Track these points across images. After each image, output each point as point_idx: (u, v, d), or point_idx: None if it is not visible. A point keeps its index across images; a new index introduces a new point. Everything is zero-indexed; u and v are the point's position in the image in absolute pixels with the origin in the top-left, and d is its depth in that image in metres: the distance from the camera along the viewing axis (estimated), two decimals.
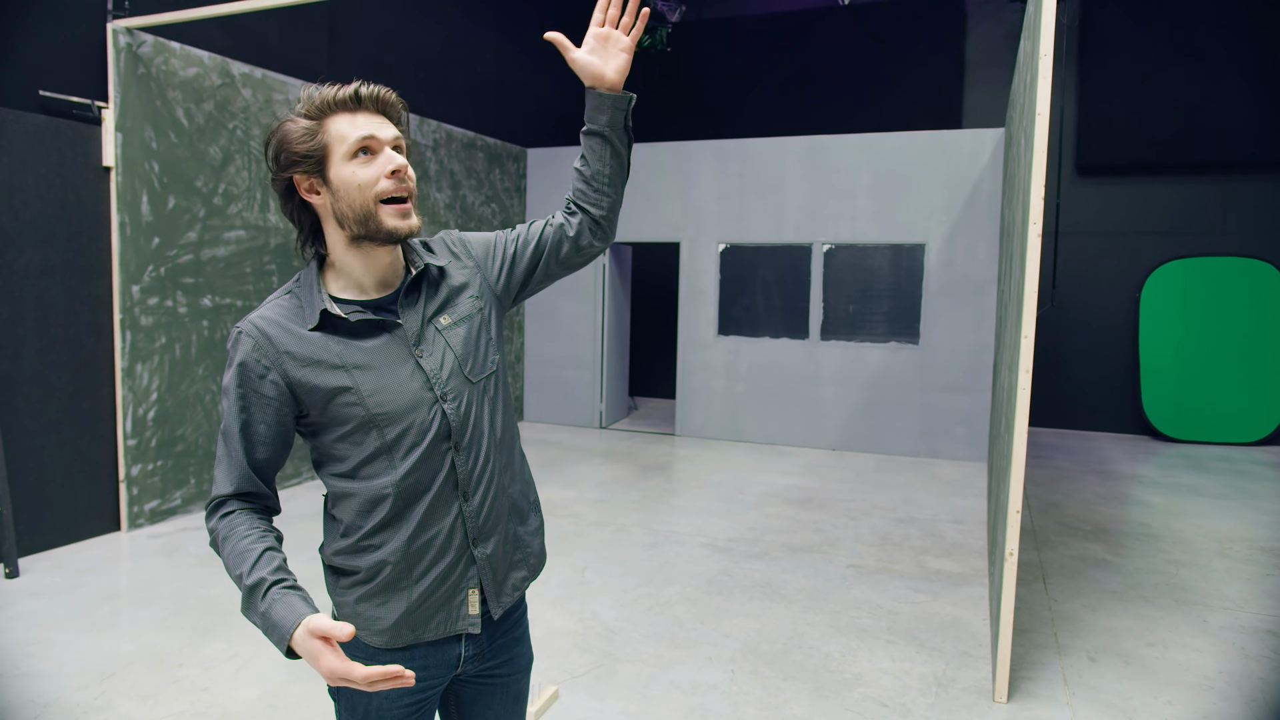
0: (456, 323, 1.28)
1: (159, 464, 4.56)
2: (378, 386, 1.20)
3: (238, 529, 1.17)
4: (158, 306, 4.52)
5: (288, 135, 1.17)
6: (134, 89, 4.32)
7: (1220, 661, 3.14)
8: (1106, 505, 5.40)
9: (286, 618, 1.08)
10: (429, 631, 1.27)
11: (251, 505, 1.22)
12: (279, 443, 1.22)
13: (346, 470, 1.23)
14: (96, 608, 3.45)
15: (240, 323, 1.21)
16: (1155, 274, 7.68)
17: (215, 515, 1.20)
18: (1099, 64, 7.83)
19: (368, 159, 1.17)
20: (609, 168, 1.37)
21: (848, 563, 4.22)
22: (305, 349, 1.19)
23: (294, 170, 1.18)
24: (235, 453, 1.20)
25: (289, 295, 1.24)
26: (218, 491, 1.21)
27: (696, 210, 7.38)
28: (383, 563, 1.22)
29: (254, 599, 1.11)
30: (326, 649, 1.05)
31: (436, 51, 6.86)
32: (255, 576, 1.11)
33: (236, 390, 1.19)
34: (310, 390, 1.19)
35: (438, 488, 1.24)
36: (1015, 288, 3.23)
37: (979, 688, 2.91)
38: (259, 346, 1.18)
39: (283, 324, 1.20)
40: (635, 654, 3.14)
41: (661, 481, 5.92)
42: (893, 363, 6.87)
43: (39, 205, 3.99)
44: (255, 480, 1.22)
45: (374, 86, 1.19)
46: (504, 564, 1.33)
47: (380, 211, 1.17)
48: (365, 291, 1.24)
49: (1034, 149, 2.72)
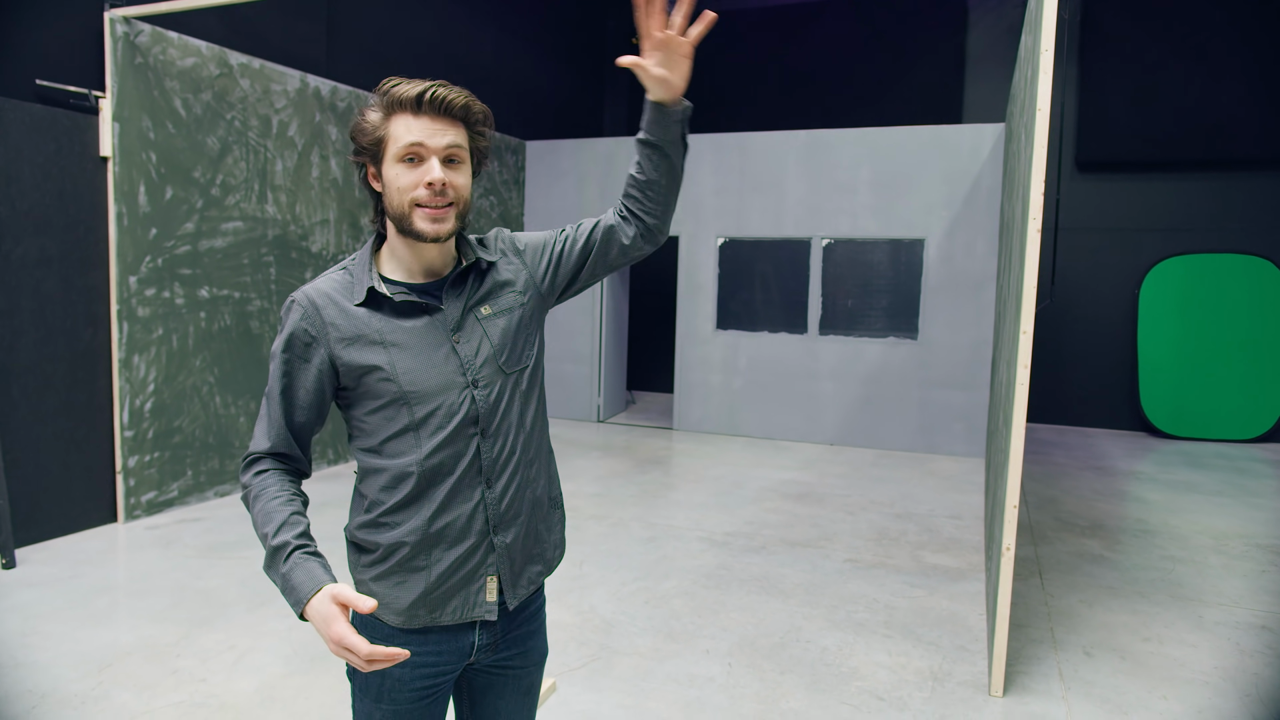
0: (497, 314, 1.32)
1: (156, 455, 4.55)
2: (411, 366, 1.24)
3: (269, 488, 1.24)
4: (155, 298, 4.50)
5: (359, 124, 1.24)
6: (131, 78, 4.30)
7: (1216, 657, 3.15)
8: (1104, 501, 5.41)
9: (305, 582, 1.14)
10: (445, 615, 1.28)
11: (284, 466, 1.29)
12: (316, 409, 1.29)
13: (374, 445, 1.27)
14: (94, 599, 3.45)
15: (295, 292, 1.28)
16: (1154, 270, 7.68)
17: (249, 470, 1.28)
18: (1100, 59, 7.82)
19: (413, 165, 1.21)
20: (665, 178, 1.37)
21: (845, 557, 4.22)
22: (348, 323, 1.25)
23: (360, 157, 1.25)
24: (275, 414, 1.27)
25: (343, 271, 1.30)
26: (255, 448, 1.28)
27: (695, 204, 7.37)
28: (401, 543, 1.26)
29: (276, 560, 1.18)
30: (340, 617, 1.10)
31: (435, 43, 6.83)
32: (280, 539, 1.18)
33: (282, 355, 1.26)
34: (348, 363, 1.25)
35: (461, 471, 1.27)
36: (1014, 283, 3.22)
37: (975, 682, 2.92)
38: (307, 316, 1.25)
39: (332, 297, 1.26)
40: (632, 647, 3.15)
41: (659, 476, 5.92)
42: (891, 358, 6.87)
43: (36, 195, 3.97)
44: (291, 442, 1.29)
45: (442, 91, 1.19)
46: (522, 556, 1.35)
47: (414, 214, 1.21)
48: (413, 276, 1.29)
49: (1034, 144, 2.71)
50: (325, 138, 5.56)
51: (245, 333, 5.06)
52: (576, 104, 9.28)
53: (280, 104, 5.19)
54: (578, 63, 9.23)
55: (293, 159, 5.32)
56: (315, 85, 5.46)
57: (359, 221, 5.89)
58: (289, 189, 5.30)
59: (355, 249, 5.82)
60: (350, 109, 5.75)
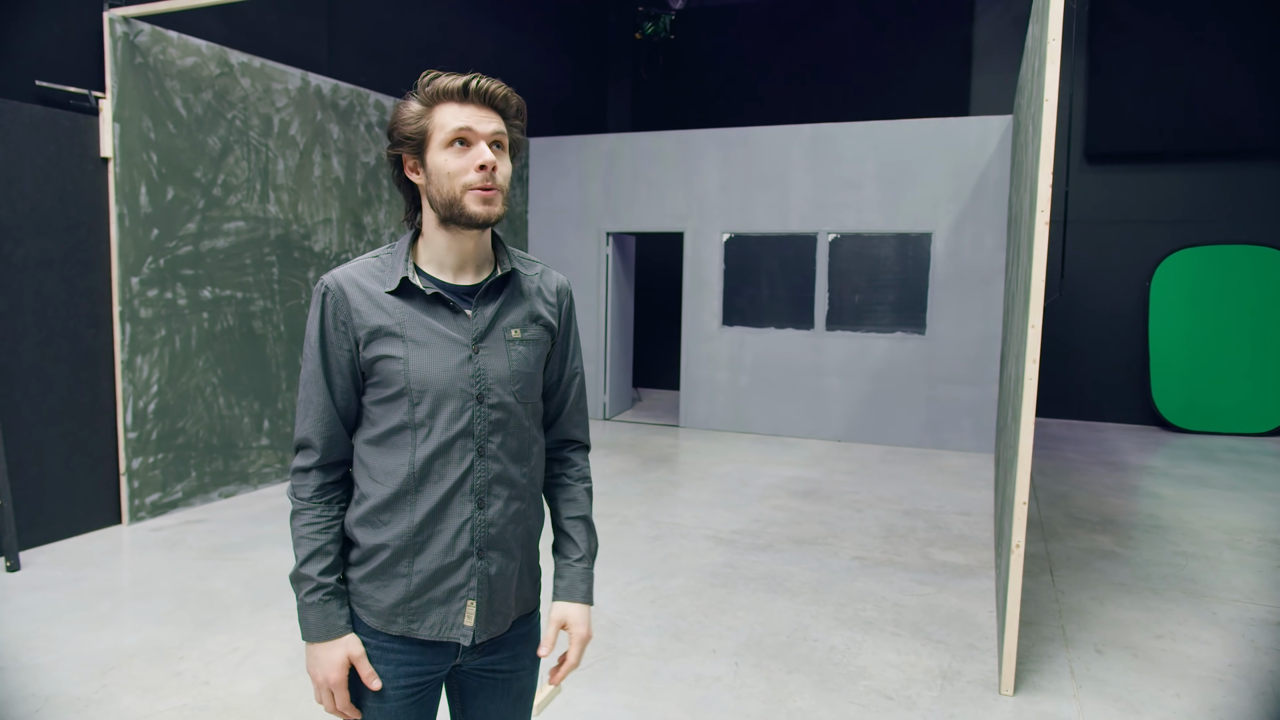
0: (523, 341, 1.32)
1: (160, 457, 4.55)
2: (425, 363, 1.24)
3: (306, 514, 1.27)
4: (157, 298, 4.49)
5: (399, 116, 1.24)
6: (131, 79, 4.28)
7: (1229, 654, 3.10)
8: (1115, 496, 5.36)
9: (319, 625, 1.24)
10: (424, 629, 1.27)
11: (333, 481, 1.29)
12: (354, 392, 1.29)
13: (374, 436, 1.27)
14: (97, 601, 3.44)
15: (325, 275, 1.29)
16: (1165, 263, 7.60)
17: (301, 478, 1.29)
18: (1109, 50, 7.73)
19: (462, 150, 1.22)
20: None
21: (853, 555, 4.18)
22: (372, 310, 1.25)
23: (400, 149, 1.25)
24: (318, 398, 1.27)
25: (376, 257, 1.30)
26: (303, 435, 1.28)
27: (700, 200, 7.33)
28: (384, 545, 1.26)
29: (300, 588, 1.26)
30: (341, 676, 1.25)
31: (437, 40, 6.80)
32: (305, 570, 1.26)
33: (318, 340, 1.26)
34: (369, 349, 1.25)
35: (454, 482, 1.25)
36: (1023, 277, 3.18)
37: (985, 680, 2.88)
38: (335, 299, 1.25)
39: (360, 282, 1.26)
40: (638, 647, 3.12)
41: (665, 473, 5.89)
42: (899, 353, 6.82)
43: (36, 197, 3.96)
44: (337, 422, 1.28)
45: (486, 81, 1.24)
46: (502, 593, 1.32)
47: (465, 197, 1.22)
48: (445, 270, 1.29)
49: (1042, 136, 2.66)
50: (327, 136, 5.54)
51: (248, 333, 5.05)
52: (579, 100, 9.24)
53: (281, 103, 5.17)
54: (580, 59, 9.19)
55: (294, 158, 5.30)
56: (316, 84, 5.44)
57: (361, 220, 5.87)
58: (291, 188, 5.28)
59: (358, 248, 5.84)
60: (352, 107, 5.73)
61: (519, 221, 7.90)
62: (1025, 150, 3.76)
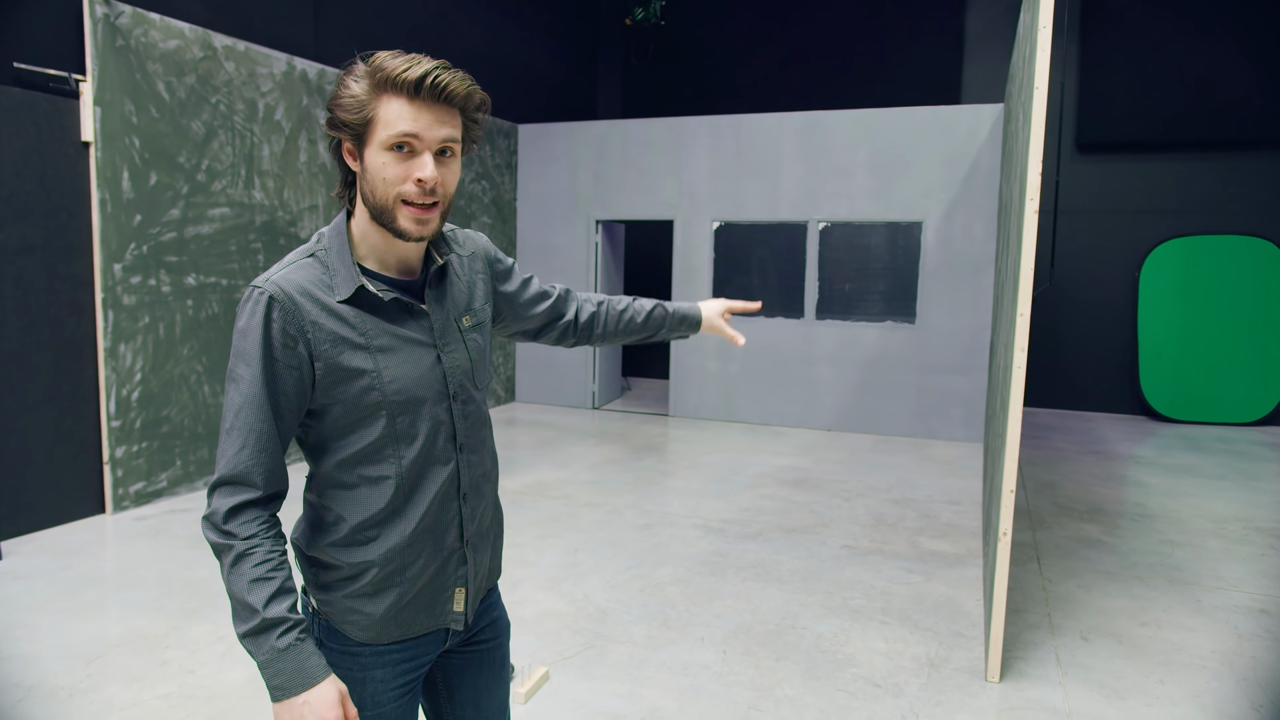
0: (474, 327, 1.28)
1: (144, 445, 4.50)
2: (399, 374, 1.16)
3: (254, 554, 1.08)
4: (140, 285, 4.44)
5: (340, 96, 1.10)
6: (112, 61, 4.21)
7: (1213, 641, 3.13)
8: (1103, 486, 5.38)
9: (297, 673, 1.08)
10: (414, 628, 1.26)
11: (269, 512, 1.12)
12: (297, 416, 1.14)
13: (348, 456, 1.16)
14: (82, 591, 3.41)
15: (261, 283, 1.10)
16: (1155, 253, 7.62)
17: (236, 518, 1.08)
18: (1100, 38, 7.72)
19: (404, 157, 1.09)
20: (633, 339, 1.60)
21: (841, 543, 4.19)
22: (331, 323, 1.12)
23: (338, 133, 1.12)
24: (260, 425, 1.09)
25: (312, 259, 1.15)
26: (232, 472, 1.09)
27: (691, 187, 7.29)
28: (371, 563, 1.19)
29: (267, 638, 1.07)
30: (339, 713, 1.08)
31: (425, 24, 6.72)
32: (272, 613, 1.07)
33: (260, 357, 1.08)
34: (330, 367, 1.12)
35: (441, 485, 1.22)
36: (1012, 266, 3.17)
37: (972, 668, 2.89)
38: (286, 310, 1.09)
39: (311, 292, 1.11)
40: (627, 635, 3.12)
41: (655, 462, 5.88)
42: (889, 342, 6.82)
43: (16, 182, 3.89)
44: (277, 453, 1.12)
45: (444, 78, 1.07)
46: (484, 572, 1.35)
47: (398, 211, 1.10)
48: (386, 268, 1.18)
49: (1032, 125, 2.65)
50: (313, 121, 5.47)
51: (233, 321, 4.99)
52: (569, 86, 9.16)
53: (266, 87, 5.10)
54: (570, 45, 9.11)
55: (280, 143, 5.23)
56: (302, 68, 5.37)
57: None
58: (276, 174, 5.22)
59: None
60: None
61: (508, 209, 7.84)
62: (1016, 139, 3.75)
